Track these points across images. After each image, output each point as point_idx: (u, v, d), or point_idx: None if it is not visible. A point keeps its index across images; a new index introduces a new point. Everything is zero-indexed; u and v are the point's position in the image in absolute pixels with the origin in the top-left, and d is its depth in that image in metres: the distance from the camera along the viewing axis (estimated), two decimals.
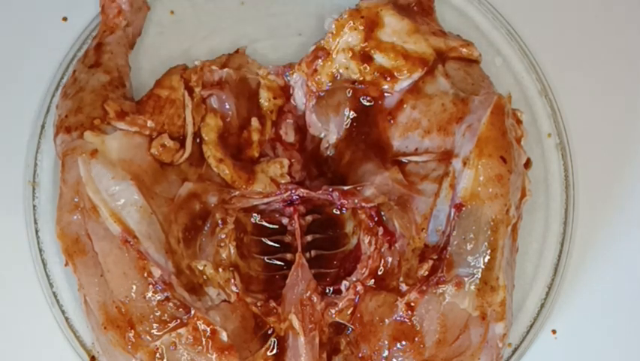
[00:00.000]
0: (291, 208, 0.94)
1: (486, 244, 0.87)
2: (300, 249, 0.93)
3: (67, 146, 0.90)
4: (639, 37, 1.05)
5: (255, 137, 0.96)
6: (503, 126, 0.89)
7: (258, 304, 0.91)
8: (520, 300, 0.98)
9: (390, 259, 0.91)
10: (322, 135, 0.98)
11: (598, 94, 1.04)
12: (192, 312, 0.87)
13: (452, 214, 0.88)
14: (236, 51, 1.00)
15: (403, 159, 0.94)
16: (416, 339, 0.87)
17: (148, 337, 0.87)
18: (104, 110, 0.92)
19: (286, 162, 0.95)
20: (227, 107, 0.96)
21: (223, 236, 0.91)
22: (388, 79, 0.94)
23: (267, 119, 0.98)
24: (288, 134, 0.97)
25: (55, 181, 0.98)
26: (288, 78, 0.98)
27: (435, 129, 0.92)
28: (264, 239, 0.95)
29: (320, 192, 0.93)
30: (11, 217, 0.98)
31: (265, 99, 0.98)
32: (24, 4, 1.03)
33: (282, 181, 0.94)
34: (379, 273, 0.91)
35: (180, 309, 0.87)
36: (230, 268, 0.91)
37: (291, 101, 0.98)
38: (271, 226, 0.96)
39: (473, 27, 1.03)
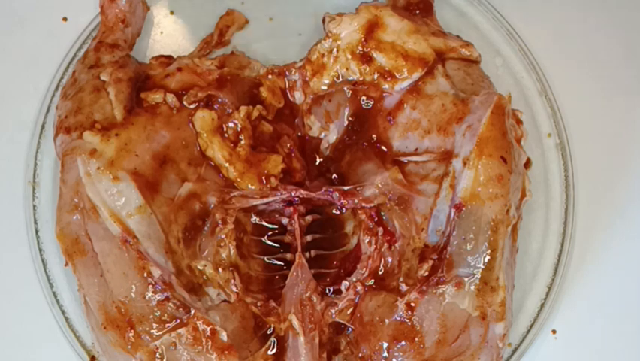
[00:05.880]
0: (291, 208, 0.94)
1: (486, 244, 0.87)
2: (300, 249, 0.93)
3: (67, 146, 0.90)
4: (639, 37, 1.05)
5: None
6: (503, 126, 0.89)
7: (258, 304, 0.91)
8: (520, 300, 0.98)
9: (390, 259, 0.91)
10: (322, 135, 0.98)
11: (598, 94, 1.04)
12: (192, 312, 0.87)
13: (452, 214, 0.88)
14: (231, 53, 1.00)
15: (403, 159, 0.94)
16: (416, 339, 0.87)
17: (148, 337, 0.87)
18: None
19: (280, 159, 0.95)
20: (229, 110, 0.95)
21: (223, 236, 0.91)
22: (388, 79, 0.94)
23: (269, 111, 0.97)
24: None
25: (55, 181, 0.98)
26: (288, 78, 0.98)
27: (435, 129, 0.92)
28: (263, 239, 0.95)
29: (320, 192, 0.93)
30: (11, 217, 0.98)
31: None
32: (24, 4, 1.03)
33: (274, 183, 0.94)
34: (379, 273, 0.91)
35: (180, 309, 0.87)
36: (230, 268, 0.91)
37: (290, 99, 0.98)
38: (271, 226, 0.96)
39: (473, 27, 1.03)
